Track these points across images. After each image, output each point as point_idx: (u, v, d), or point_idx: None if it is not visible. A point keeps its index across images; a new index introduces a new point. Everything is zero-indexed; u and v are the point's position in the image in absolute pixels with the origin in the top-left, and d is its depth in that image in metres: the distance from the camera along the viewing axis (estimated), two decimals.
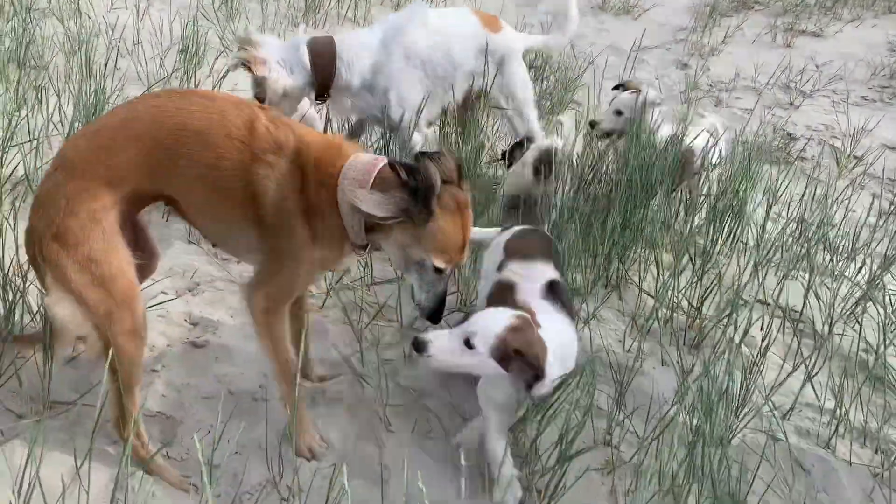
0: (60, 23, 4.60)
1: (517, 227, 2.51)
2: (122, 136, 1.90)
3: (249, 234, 1.99)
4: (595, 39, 6.30)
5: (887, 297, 2.85)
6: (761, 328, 2.76)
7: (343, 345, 2.60)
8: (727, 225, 3.25)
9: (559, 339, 2.03)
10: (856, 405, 2.45)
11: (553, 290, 2.18)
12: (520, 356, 1.90)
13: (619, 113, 3.58)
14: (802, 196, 3.76)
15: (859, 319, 2.82)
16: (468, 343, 1.94)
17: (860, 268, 3.19)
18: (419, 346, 1.98)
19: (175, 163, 1.91)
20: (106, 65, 3.83)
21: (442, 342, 1.98)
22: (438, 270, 1.96)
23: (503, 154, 3.64)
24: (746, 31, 6.50)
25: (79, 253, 1.84)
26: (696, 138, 3.47)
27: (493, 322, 1.96)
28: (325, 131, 3.65)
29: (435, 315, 2.07)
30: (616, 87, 3.80)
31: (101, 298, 1.87)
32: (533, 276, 2.23)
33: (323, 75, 3.17)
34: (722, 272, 2.93)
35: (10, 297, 2.34)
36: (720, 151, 3.55)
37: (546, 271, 2.25)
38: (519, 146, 3.51)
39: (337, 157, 1.95)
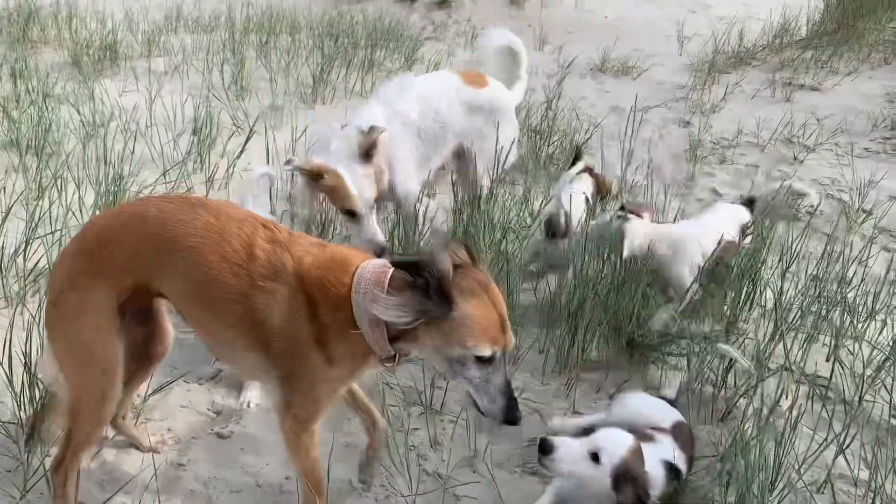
0: (75, 109, 4.70)
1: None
2: (129, 231, 1.95)
3: (256, 359, 1.95)
4: (596, 101, 6.42)
5: None
6: (787, 397, 2.74)
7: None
8: (745, 289, 3.25)
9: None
10: (892, 476, 2.41)
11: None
12: (633, 483, 2.00)
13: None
14: (822, 255, 3.75)
15: (885, 384, 2.80)
16: (595, 456, 2.02)
17: (881, 329, 3.17)
18: (546, 449, 2.04)
19: (172, 273, 1.93)
20: (124, 149, 3.90)
21: (569, 449, 2.05)
22: (485, 360, 1.78)
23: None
24: (745, 87, 6.60)
25: (69, 329, 1.95)
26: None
27: (619, 442, 2.06)
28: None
29: (510, 415, 1.84)
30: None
31: (78, 376, 1.98)
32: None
33: None
34: (744, 342, 2.91)
35: (38, 396, 2.35)
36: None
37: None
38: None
39: (343, 272, 1.86)
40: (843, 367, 2.91)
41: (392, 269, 1.83)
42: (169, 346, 2.25)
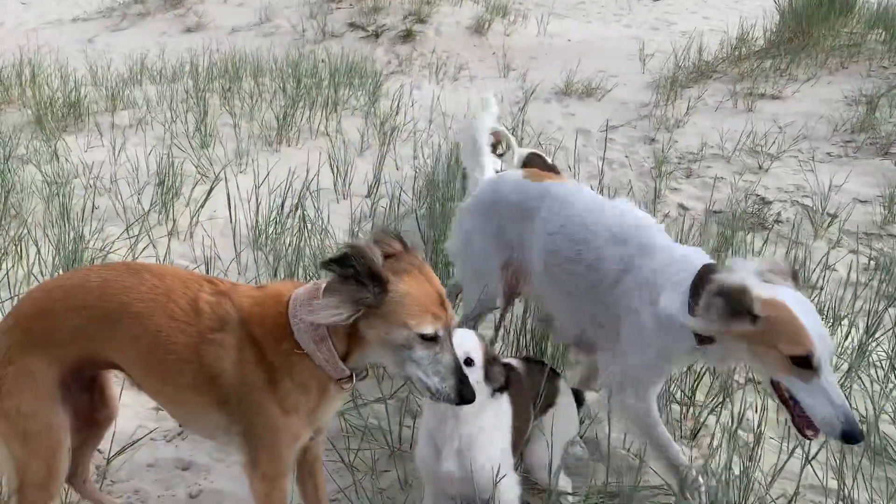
0: (38, 169, 4.70)
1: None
2: (69, 302, 1.92)
3: (216, 417, 1.93)
4: (562, 124, 6.47)
5: (875, 367, 2.84)
6: (756, 410, 2.74)
7: (336, 476, 2.56)
8: None
9: None
10: (858, 483, 2.41)
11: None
12: (496, 362, 2.07)
13: None
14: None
15: (849, 391, 2.81)
16: (468, 361, 2.00)
17: (847, 333, 3.18)
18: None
19: (120, 341, 1.91)
20: (83, 209, 3.90)
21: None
22: (430, 339, 1.78)
23: None
24: (708, 100, 6.69)
25: (8, 402, 1.90)
26: None
27: (468, 337, 2.07)
28: None
29: (464, 391, 1.81)
30: None
31: (22, 450, 1.92)
32: None
33: None
34: None
35: None
36: None
37: None
38: None
39: (278, 303, 1.87)
40: None
41: (324, 284, 1.83)
42: (115, 410, 2.23)
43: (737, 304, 1.94)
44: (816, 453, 2.46)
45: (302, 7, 10.07)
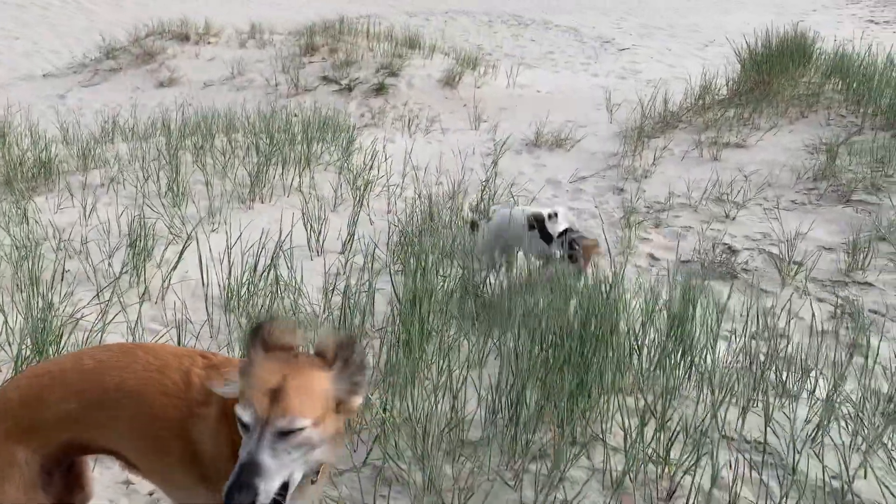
0: (6, 232, 4.66)
1: None
2: (62, 387, 1.89)
3: (204, 495, 1.88)
4: (533, 175, 6.58)
5: (844, 421, 2.88)
6: (730, 467, 2.76)
7: None
8: (678, 355, 3.30)
9: None
10: None
11: None
12: None
13: None
14: (748, 314, 3.84)
15: (820, 446, 2.84)
16: None
17: (814, 387, 3.23)
18: None
19: (116, 421, 1.88)
20: (54, 274, 3.86)
21: None
22: (243, 425, 1.62)
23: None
24: (674, 149, 6.84)
25: None
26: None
27: None
28: None
29: (230, 492, 1.53)
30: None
31: None
32: None
33: None
34: (683, 413, 2.94)
35: None
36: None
37: None
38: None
39: None
40: (780, 427, 2.94)
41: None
42: (91, 493, 2.19)
43: None
44: None
45: (274, 61, 10.19)
